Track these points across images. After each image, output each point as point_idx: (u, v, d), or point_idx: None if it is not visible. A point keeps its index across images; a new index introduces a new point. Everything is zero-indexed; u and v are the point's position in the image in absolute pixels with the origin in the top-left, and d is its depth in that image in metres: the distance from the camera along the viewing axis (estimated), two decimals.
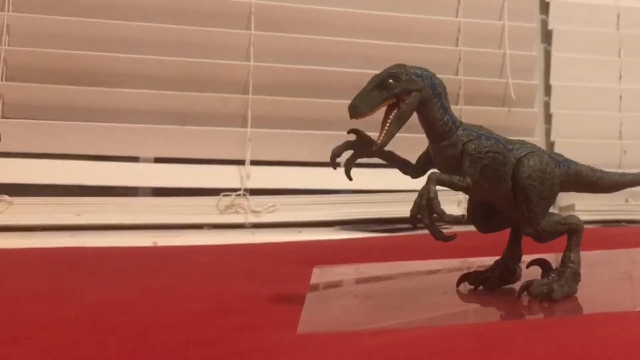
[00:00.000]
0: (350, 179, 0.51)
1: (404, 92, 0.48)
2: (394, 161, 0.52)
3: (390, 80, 0.48)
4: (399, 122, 0.48)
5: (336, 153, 0.51)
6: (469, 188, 0.48)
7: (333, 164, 0.51)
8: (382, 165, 0.55)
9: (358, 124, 0.50)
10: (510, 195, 0.50)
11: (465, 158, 0.48)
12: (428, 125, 0.49)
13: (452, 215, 0.46)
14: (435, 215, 0.46)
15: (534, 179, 0.49)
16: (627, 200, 1.33)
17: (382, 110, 0.49)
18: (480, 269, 0.56)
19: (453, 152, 0.49)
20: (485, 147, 0.49)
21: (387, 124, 0.48)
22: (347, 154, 0.52)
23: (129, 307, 0.53)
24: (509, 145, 0.51)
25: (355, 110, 0.48)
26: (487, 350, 0.38)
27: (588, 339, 0.40)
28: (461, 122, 0.50)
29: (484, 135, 0.50)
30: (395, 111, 0.48)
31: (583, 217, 0.53)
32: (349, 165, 0.51)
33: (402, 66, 0.49)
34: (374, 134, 0.49)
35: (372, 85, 0.48)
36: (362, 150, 0.51)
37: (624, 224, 1.26)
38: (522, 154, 0.50)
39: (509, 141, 0.51)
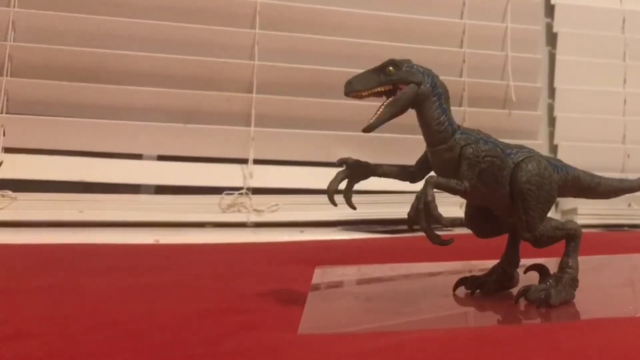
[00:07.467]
0: (353, 208, 0.51)
1: (401, 81, 0.48)
2: (390, 174, 0.52)
3: (390, 68, 0.48)
4: (392, 109, 0.48)
5: (333, 190, 0.50)
6: (467, 192, 0.48)
7: (332, 201, 0.50)
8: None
9: (358, 126, 0.50)
10: (508, 200, 0.50)
11: (463, 162, 0.48)
12: (425, 125, 0.49)
13: (449, 218, 0.46)
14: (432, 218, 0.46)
15: (532, 183, 0.49)
16: (629, 205, 1.32)
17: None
18: (478, 274, 0.56)
19: (451, 155, 0.49)
20: (483, 151, 0.49)
21: (380, 109, 0.48)
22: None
23: (129, 305, 0.53)
24: (507, 149, 0.51)
25: (350, 86, 0.48)
26: (485, 354, 0.38)
27: (585, 345, 0.40)
28: (459, 126, 0.50)
29: (481, 139, 0.50)
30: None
31: (585, 221, 0.53)
32: (348, 195, 0.51)
33: (407, 60, 0.49)
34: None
35: (372, 69, 0.49)
36: (356, 176, 0.51)
37: (626, 228, 1.26)
38: (520, 159, 0.50)
39: (507, 145, 0.51)
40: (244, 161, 1.19)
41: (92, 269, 0.72)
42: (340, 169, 0.51)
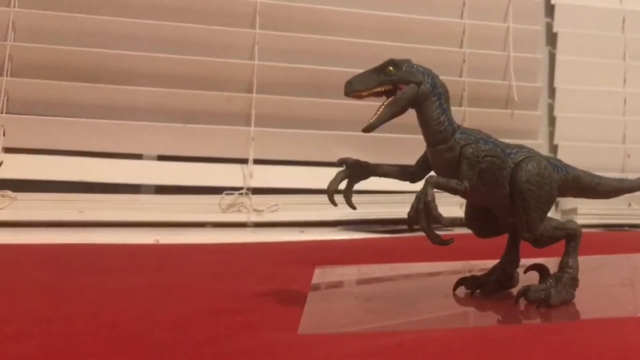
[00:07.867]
0: (353, 208, 0.51)
1: (401, 81, 0.48)
2: (390, 174, 0.52)
3: (390, 68, 0.48)
4: (392, 109, 0.48)
5: (333, 190, 0.50)
6: (467, 192, 0.48)
7: (332, 201, 0.50)
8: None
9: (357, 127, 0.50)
10: (508, 200, 0.50)
11: (463, 162, 0.48)
12: (425, 125, 0.49)
13: (449, 218, 0.46)
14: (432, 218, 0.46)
15: (532, 183, 0.49)
16: (629, 205, 1.32)
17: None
18: (478, 274, 0.56)
19: (451, 155, 0.49)
20: (483, 151, 0.49)
21: (380, 109, 0.48)
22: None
23: (129, 305, 0.53)
24: (507, 149, 0.51)
25: (350, 86, 0.49)
26: (485, 354, 0.38)
27: (585, 345, 0.40)
28: (459, 126, 0.50)
29: (481, 139, 0.50)
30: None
31: (585, 221, 0.53)
32: (348, 195, 0.51)
33: (407, 60, 0.49)
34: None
35: (372, 69, 0.49)
36: (356, 175, 0.51)
37: (626, 228, 1.26)
38: (520, 159, 0.50)
39: (507, 145, 0.51)
40: (244, 161, 1.19)
41: (92, 269, 0.72)
42: (340, 169, 0.51)
